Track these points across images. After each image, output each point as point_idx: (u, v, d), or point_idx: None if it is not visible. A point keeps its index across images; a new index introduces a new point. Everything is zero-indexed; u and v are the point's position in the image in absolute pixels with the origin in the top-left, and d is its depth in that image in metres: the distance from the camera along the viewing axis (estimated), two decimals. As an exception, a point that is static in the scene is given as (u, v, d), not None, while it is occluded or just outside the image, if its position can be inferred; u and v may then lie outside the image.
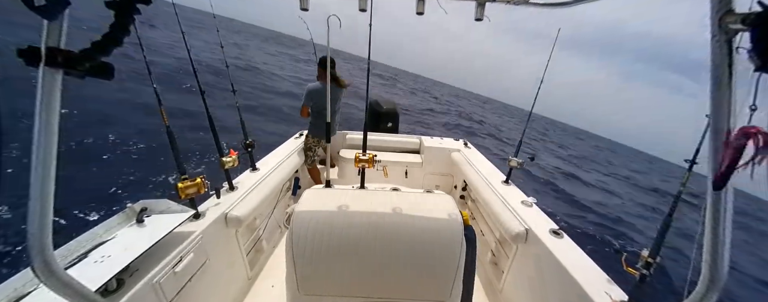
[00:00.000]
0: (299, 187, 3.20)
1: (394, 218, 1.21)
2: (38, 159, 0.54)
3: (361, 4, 1.05)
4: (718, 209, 0.59)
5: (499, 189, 2.42)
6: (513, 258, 2.05)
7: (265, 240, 2.55)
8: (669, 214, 1.33)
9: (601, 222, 6.13)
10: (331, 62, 2.96)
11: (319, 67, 3.17)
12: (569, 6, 1.03)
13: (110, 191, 3.95)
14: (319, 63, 3.16)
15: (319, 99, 3.11)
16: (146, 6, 0.55)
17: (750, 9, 0.48)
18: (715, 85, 0.55)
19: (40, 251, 0.55)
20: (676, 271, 3.87)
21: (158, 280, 1.42)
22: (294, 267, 1.18)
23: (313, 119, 3.28)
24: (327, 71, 2.90)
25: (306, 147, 3.33)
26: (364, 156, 1.80)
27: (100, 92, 6.63)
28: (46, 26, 0.50)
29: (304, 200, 1.28)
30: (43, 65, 0.51)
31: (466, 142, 3.64)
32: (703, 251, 0.61)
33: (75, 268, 1.24)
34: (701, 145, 1.23)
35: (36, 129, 0.53)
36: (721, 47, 0.53)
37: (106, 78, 0.55)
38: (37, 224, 0.54)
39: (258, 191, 2.28)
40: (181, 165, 1.69)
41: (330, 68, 2.94)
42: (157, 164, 4.66)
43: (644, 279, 1.30)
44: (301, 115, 3.23)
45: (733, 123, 0.55)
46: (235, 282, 2.11)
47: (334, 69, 3.02)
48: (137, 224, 1.54)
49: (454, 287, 1.21)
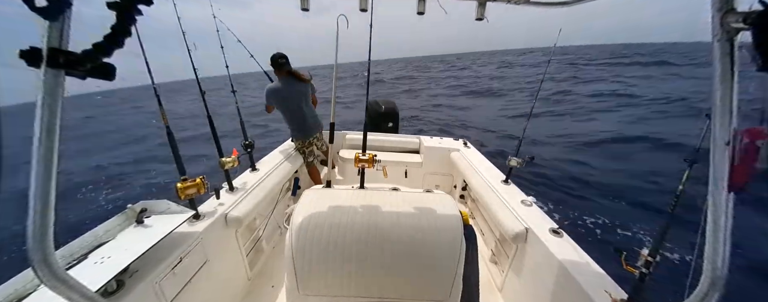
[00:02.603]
0: (299, 187, 3.20)
1: (393, 218, 1.21)
2: (39, 159, 0.54)
3: (362, 4, 1.05)
4: (718, 209, 0.59)
5: (498, 189, 2.42)
6: (513, 257, 2.06)
7: (265, 240, 2.55)
8: (669, 212, 1.33)
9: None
10: (283, 58, 2.84)
11: (272, 66, 2.95)
12: (569, 6, 1.03)
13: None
14: (271, 63, 2.92)
15: (281, 98, 2.97)
16: (148, 7, 0.55)
17: (751, 8, 0.48)
18: (717, 84, 0.55)
19: (41, 251, 0.55)
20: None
21: (158, 281, 1.42)
22: (294, 267, 1.18)
23: (287, 123, 3.15)
24: (280, 69, 2.78)
25: (297, 150, 3.28)
26: (364, 156, 1.80)
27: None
28: (47, 27, 0.50)
29: (303, 201, 1.28)
30: (45, 66, 0.50)
31: (466, 142, 3.65)
32: (704, 250, 0.62)
33: (75, 269, 1.24)
34: (701, 144, 1.23)
35: (37, 129, 0.53)
36: (722, 46, 0.53)
37: (107, 79, 0.55)
38: (38, 224, 0.54)
39: (258, 192, 2.28)
40: (181, 165, 1.68)
41: (284, 63, 2.83)
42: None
43: (644, 277, 1.30)
44: (267, 111, 3.08)
45: (735, 123, 0.55)
46: (235, 283, 2.10)
47: (286, 63, 2.87)
48: (137, 225, 1.54)
49: (453, 286, 1.21)
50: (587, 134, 7.84)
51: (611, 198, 4.69)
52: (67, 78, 0.53)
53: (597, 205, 4.53)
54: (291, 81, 2.92)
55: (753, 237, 3.45)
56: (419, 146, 3.73)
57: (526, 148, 2.43)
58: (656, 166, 5.50)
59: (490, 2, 0.99)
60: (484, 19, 1.02)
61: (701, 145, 1.19)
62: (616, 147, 6.80)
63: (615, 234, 3.88)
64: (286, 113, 3.07)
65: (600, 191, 4.92)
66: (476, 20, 1.03)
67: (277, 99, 2.96)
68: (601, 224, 4.05)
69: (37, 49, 0.50)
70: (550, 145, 7.27)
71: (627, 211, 4.35)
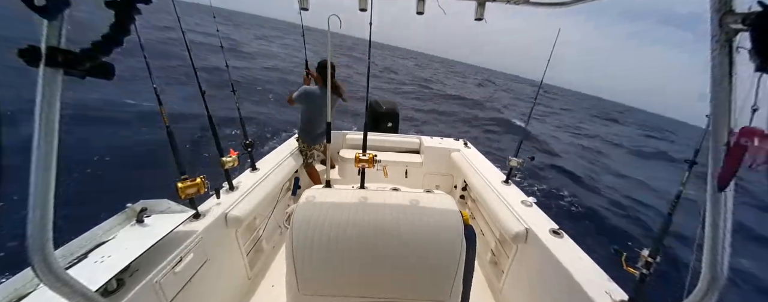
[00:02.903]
0: (299, 187, 3.20)
1: (394, 218, 1.21)
2: (39, 159, 0.54)
3: (361, 4, 1.05)
4: (718, 209, 0.59)
5: (499, 189, 2.42)
6: (513, 257, 2.05)
7: (265, 240, 2.55)
8: (669, 214, 1.33)
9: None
10: (331, 67, 2.90)
11: (318, 72, 3.03)
12: (569, 6, 1.03)
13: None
14: (318, 67, 3.01)
15: (312, 104, 3.02)
16: (146, 5, 0.55)
17: (750, 9, 0.48)
18: (716, 84, 0.55)
19: (41, 251, 0.55)
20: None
21: (158, 280, 1.42)
22: (294, 266, 1.18)
23: (303, 124, 3.20)
24: (327, 78, 2.83)
25: (299, 149, 3.31)
26: (364, 156, 1.80)
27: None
28: (46, 26, 0.50)
29: (304, 200, 1.28)
30: (44, 65, 0.50)
31: (466, 142, 3.65)
32: (704, 250, 0.61)
33: (75, 268, 1.24)
34: (701, 145, 1.23)
35: (36, 129, 0.53)
36: (721, 47, 0.53)
37: (106, 78, 0.55)
38: (38, 224, 0.54)
39: (258, 191, 2.28)
40: (182, 165, 1.68)
41: (332, 74, 2.87)
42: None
43: (644, 278, 1.30)
44: (288, 101, 3.12)
45: (734, 123, 0.55)
46: (235, 282, 2.11)
47: (334, 75, 2.88)
48: (137, 224, 1.54)
49: (454, 286, 1.21)
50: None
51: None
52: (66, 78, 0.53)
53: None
54: (327, 91, 2.99)
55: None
56: (419, 146, 3.72)
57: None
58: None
59: (489, 2, 0.99)
60: (483, 20, 1.02)
61: (701, 145, 1.19)
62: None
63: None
64: (307, 115, 3.13)
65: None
66: (476, 20, 1.03)
67: (308, 101, 3.02)
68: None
69: (36, 47, 0.50)
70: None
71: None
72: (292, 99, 3.08)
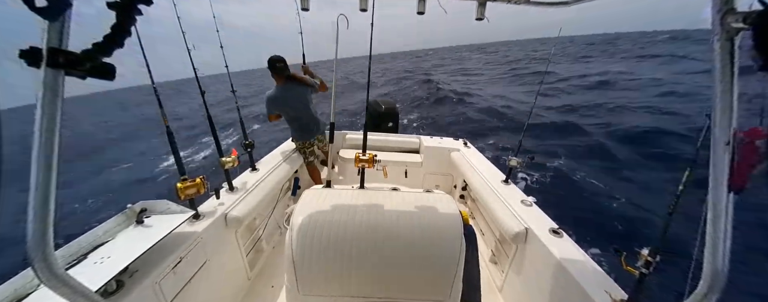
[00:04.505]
0: (299, 187, 3.20)
1: (393, 218, 1.21)
2: (39, 160, 0.54)
3: (362, 4, 1.05)
4: (718, 209, 0.59)
5: (498, 189, 2.42)
6: (513, 257, 2.06)
7: (265, 240, 2.55)
8: (669, 213, 1.33)
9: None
10: (281, 61, 2.80)
11: (270, 71, 2.86)
12: (569, 6, 1.03)
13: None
14: (269, 66, 2.82)
15: (282, 107, 2.96)
16: (147, 6, 0.55)
17: (751, 8, 0.48)
18: (717, 84, 0.55)
19: (41, 251, 0.55)
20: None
21: (158, 281, 1.42)
22: (294, 267, 1.18)
23: (289, 126, 3.17)
24: (279, 74, 2.74)
25: (298, 150, 3.29)
26: (364, 156, 1.80)
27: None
28: (47, 27, 0.50)
29: (303, 201, 1.28)
30: (45, 66, 0.50)
31: (466, 141, 3.65)
32: (704, 250, 0.61)
33: (75, 269, 1.24)
34: (701, 145, 1.23)
35: (37, 129, 0.52)
36: (722, 46, 0.53)
37: (107, 79, 0.55)
38: (38, 224, 0.54)
39: (258, 192, 2.27)
40: (181, 165, 1.68)
41: (283, 68, 2.79)
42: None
43: (644, 278, 1.30)
44: (269, 120, 3.06)
45: (735, 123, 0.55)
46: (235, 283, 2.10)
47: (285, 67, 2.82)
48: (137, 225, 1.54)
49: (453, 286, 1.21)
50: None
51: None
52: (67, 78, 0.53)
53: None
54: (289, 86, 2.90)
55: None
56: (419, 146, 3.72)
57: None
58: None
59: (490, 2, 0.99)
60: (484, 19, 1.01)
61: (701, 145, 1.19)
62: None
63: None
64: (287, 117, 3.08)
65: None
66: (476, 20, 1.03)
67: (278, 106, 2.95)
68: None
69: (37, 48, 0.50)
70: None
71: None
72: (269, 115, 3.01)
